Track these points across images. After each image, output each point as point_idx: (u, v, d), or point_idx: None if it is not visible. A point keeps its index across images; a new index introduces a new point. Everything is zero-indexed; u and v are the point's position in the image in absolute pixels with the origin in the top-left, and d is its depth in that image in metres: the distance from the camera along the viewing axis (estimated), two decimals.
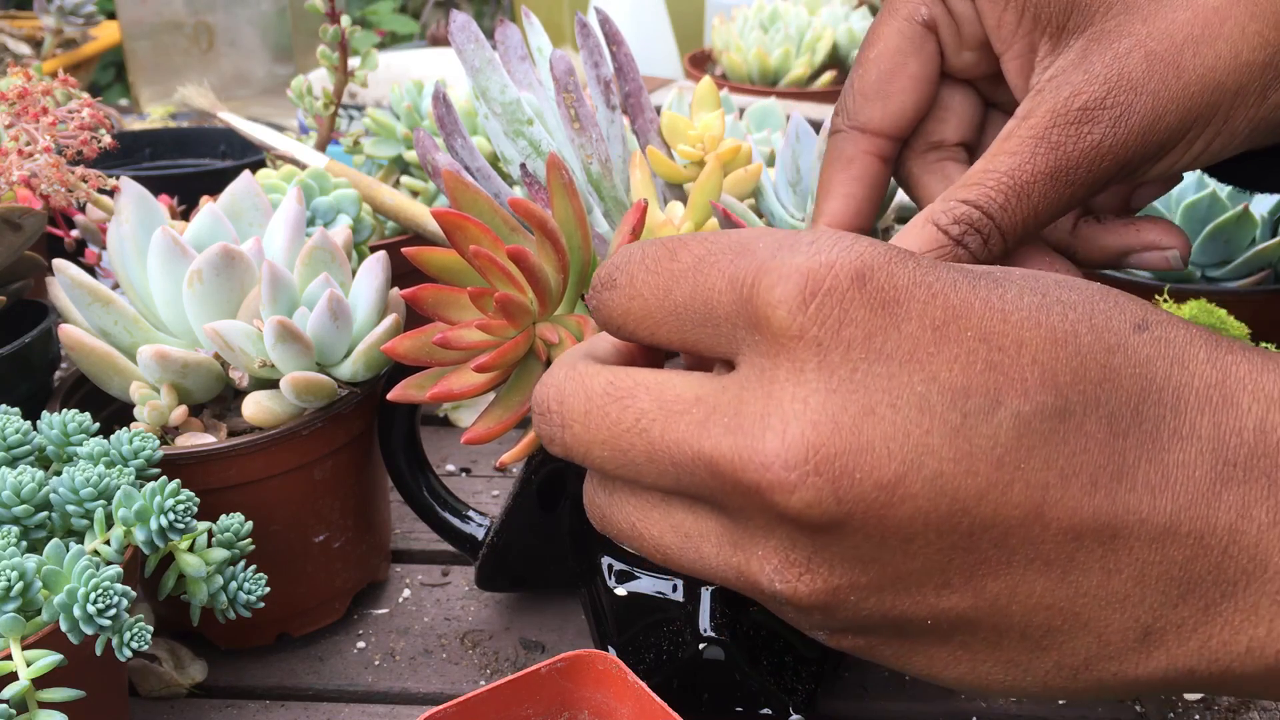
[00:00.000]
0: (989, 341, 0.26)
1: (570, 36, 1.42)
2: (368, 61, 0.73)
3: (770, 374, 0.27)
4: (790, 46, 1.14)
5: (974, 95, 0.43)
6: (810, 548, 0.27)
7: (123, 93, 1.66)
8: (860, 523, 0.26)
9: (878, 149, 0.42)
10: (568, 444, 0.31)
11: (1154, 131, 0.36)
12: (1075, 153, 0.36)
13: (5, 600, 0.38)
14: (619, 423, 0.29)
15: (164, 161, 0.90)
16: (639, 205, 0.44)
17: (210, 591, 0.44)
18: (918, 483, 0.26)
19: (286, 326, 0.47)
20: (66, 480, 0.42)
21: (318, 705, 0.50)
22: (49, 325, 0.56)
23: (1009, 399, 0.26)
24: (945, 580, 0.27)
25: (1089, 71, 0.36)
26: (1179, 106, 0.36)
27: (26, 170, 0.57)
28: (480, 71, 0.50)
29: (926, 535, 0.26)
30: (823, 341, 0.26)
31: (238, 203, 0.54)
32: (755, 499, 0.27)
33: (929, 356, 0.26)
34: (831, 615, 0.28)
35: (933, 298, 0.27)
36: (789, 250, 0.27)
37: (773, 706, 0.46)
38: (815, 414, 0.26)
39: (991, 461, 0.26)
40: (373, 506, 0.55)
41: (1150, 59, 0.35)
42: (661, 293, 0.30)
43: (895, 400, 0.26)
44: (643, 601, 0.48)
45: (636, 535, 0.32)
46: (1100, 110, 0.36)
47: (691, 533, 0.30)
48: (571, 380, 0.31)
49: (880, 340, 0.26)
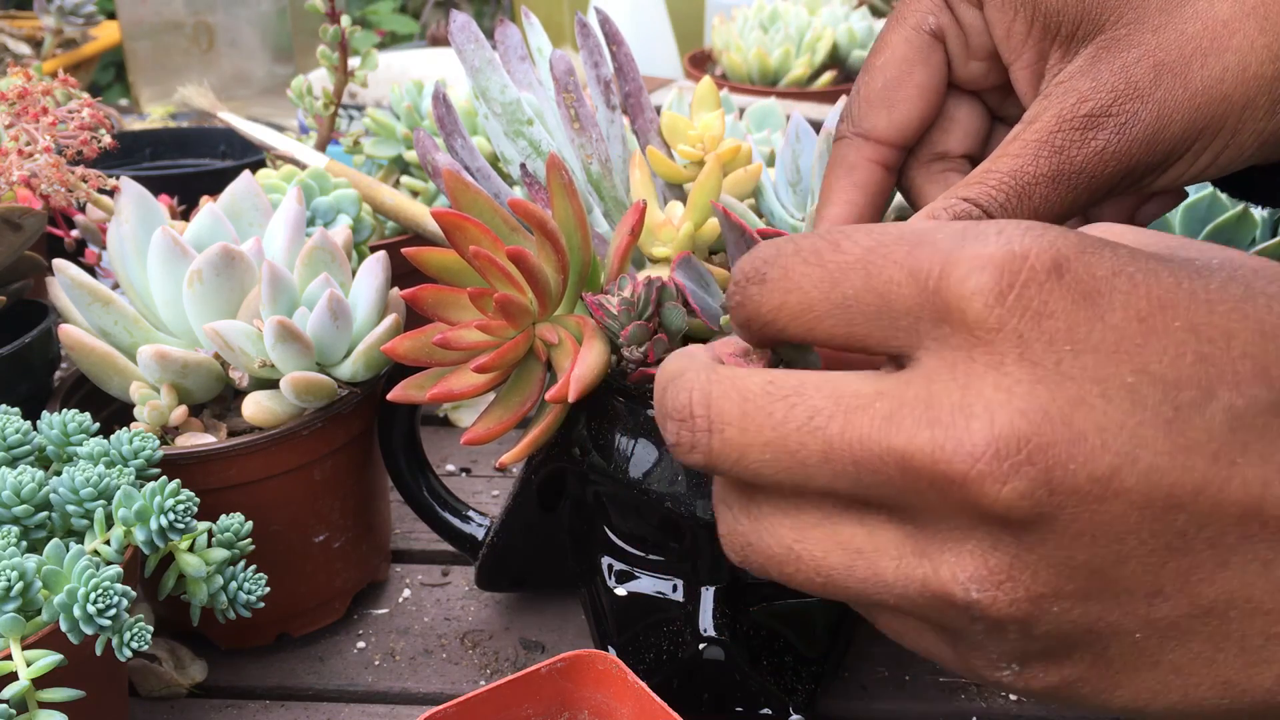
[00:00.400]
0: (1197, 333, 0.25)
1: (570, 36, 1.42)
2: (368, 61, 0.73)
3: (965, 367, 0.25)
4: (790, 46, 1.14)
5: (980, 107, 0.43)
6: (1013, 550, 0.25)
7: (123, 93, 1.66)
8: (1071, 518, 0.25)
9: (882, 157, 0.41)
10: (715, 451, 0.28)
11: (1158, 141, 0.36)
12: (1079, 158, 0.36)
13: (5, 600, 0.38)
14: (786, 422, 0.27)
15: (164, 161, 0.90)
16: (638, 205, 0.44)
17: (210, 591, 0.44)
18: (1132, 476, 0.24)
19: (286, 326, 0.47)
20: (66, 480, 0.42)
21: (318, 705, 0.50)
22: (49, 325, 0.56)
23: (1221, 392, 0.25)
24: (1157, 587, 0.25)
25: (1097, 79, 0.36)
26: (1184, 117, 0.36)
27: (27, 170, 0.57)
28: (480, 71, 0.50)
29: (1140, 534, 0.25)
30: (1024, 334, 0.25)
31: (238, 203, 0.54)
32: (957, 495, 0.25)
33: (1137, 348, 0.25)
34: (1029, 631, 0.26)
35: (1135, 288, 0.26)
36: (976, 240, 0.26)
37: (773, 706, 0.46)
38: (1022, 403, 0.25)
39: (1207, 456, 0.25)
40: (373, 506, 0.55)
41: (1158, 69, 0.36)
42: (826, 285, 0.28)
43: (1106, 391, 0.25)
44: (643, 601, 0.48)
45: (793, 559, 0.29)
46: (1106, 117, 0.36)
47: (863, 547, 0.28)
48: (718, 382, 0.29)
49: (1084, 332, 0.25)
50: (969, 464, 0.25)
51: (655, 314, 0.42)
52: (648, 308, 0.41)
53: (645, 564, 0.48)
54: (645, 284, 0.42)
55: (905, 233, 0.28)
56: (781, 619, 0.47)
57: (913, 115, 0.41)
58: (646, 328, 0.41)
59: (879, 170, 0.42)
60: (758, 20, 1.18)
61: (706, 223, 0.47)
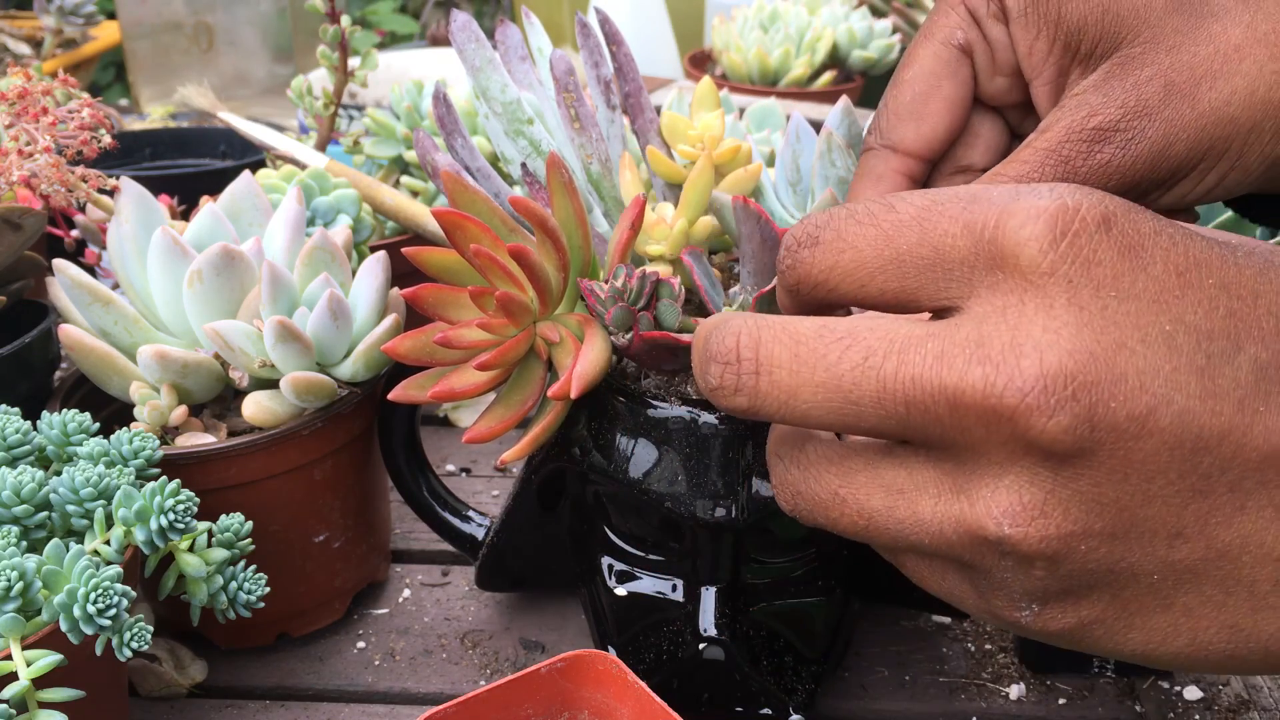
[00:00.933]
0: (1228, 290, 0.27)
1: (570, 36, 1.42)
2: (368, 61, 0.73)
3: (1016, 310, 0.27)
4: (790, 46, 1.14)
5: (1001, 124, 0.43)
6: (1049, 485, 0.27)
7: (123, 93, 1.66)
8: (1108, 454, 0.26)
9: (908, 169, 0.42)
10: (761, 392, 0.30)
11: (1163, 158, 0.37)
12: (1083, 169, 0.37)
13: (5, 600, 0.38)
14: (841, 362, 0.28)
15: (164, 161, 0.90)
16: (638, 200, 0.44)
17: (210, 591, 0.44)
18: (1166, 417, 0.26)
19: (286, 326, 0.47)
20: (66, 480, 0.42)
21: (318, 705, 0.50)
22: (49, 325, 0.56)
23: (1248, 345, 0.27)
24: (1179, 528, 0.27)
25: (1108, 95, 0.37)
26: (1189, 136, 0.37)
27: (27, 170, 0.57)
28: (480, 71, 0.50)
29: (1168, 474, 0.26)
30: (1073, 279, 0.27)
31: (238, 203, 0.54)
32: (1005, 429, 0.27)
33: (1175, 299, 0.27)
34: (1055, 569, 0.28)
35: (1174, 245, 0.27)
36: (1030, 194, 0.28)
37: (773, 706, 0.46)
38: (1070, 344, 0.26)
39: (1234, 403, 0.26)
40: (373, 506, 0.55)
41: (1169, 89, 0.37)
42: (881, 243, 0.29)
43: (1145, 337, 0.26)
44: (643, 601, 0.48)
45: (838, 502, 0.31)
46: (1113, 132, 0.37)
47: (904, 487, 0.29)
48: (767, 326, 0.30)
49: (1128, 281, 0.27)
50: (1018, 398, 0.26)
51: (648, 306, 0.42)
52: (639, 298, 0.42)
53: (645, 564, 0.48)
54: (639, 276, 0.42)
55: (959, 192, 0.29)
56: (781, 619, 0.47)
57: (940, 128, 0.42)
58: (630, 312, 0.41)
59: (905, 181, 0.42)
60: (758, 20, 1.18)
61: (699, 221, 0.47)
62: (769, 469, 0.33)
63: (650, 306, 0.42)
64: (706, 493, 0.42)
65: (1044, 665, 0.52)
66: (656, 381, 0.44)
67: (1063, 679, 0.52)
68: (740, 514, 0.42)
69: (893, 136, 0.42)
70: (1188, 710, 0.50)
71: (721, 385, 0.30)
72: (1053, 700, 0.51)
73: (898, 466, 0.30)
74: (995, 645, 0.54)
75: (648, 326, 0.42)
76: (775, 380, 0.29)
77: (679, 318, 0.42)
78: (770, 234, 0.42)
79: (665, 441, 0.43)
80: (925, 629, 0.55)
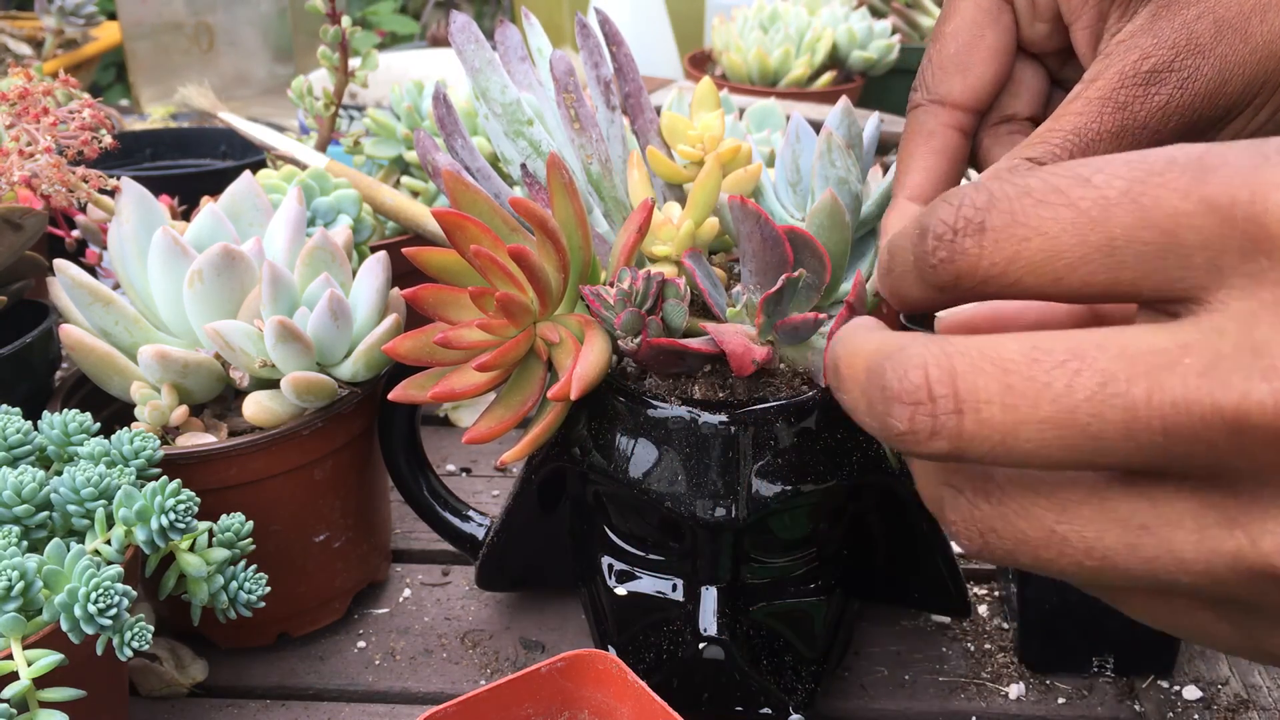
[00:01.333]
0: None
1: (570, 37, 1.42)
2: (368, 62, 0.73)
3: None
4: (790, 47, 1.14)
5: (1043, 71, 0.43)
6: None
7: (123, 93, 1.66)
8: None
9: (958, 122, 0.42)
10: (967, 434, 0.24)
11: (1220, 95, 0.37)
12: (1142, 113, 0.37)
13: (6, 600, 0.38)
14: (1072, 392, 0.23)
15: (164, 162, 0.90)
16: (645, 203, 0.44)
17: (210, 591, 0.44)
18: None
19: (287, 326, 0.47)
20: (67, 480, 0.42)
21: (318, 705, 0.50)
22: (49, 325, 0.56)
23: None
24: None
25: (1158, 35, 0.37)
26: (1245, 72, 0.36)
27: (27, 170, 0.57)
28: (480, 72, 0.50)
29: None
30: None
31: (238, 203, 0.54)
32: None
33: None
34: None
35: None
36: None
37: (773, 706, 0.46)
38: None
39: None
40: (373, 506, 0.55)
41: (1219, 25, 0.36)
42: (1084, 226, 0.24)
43: None
44: (643, 601, 0.48)
45: (1056, 541, 0.25)
46: (1168, 73, 0.37)
47: (1149, 522, 0.25)
48: (961, 354, 0.24)
49: None
50: None
51: (656, 308, 0.42)
52: (646, 300, 0.42)
53: (645, 564, 0.48)
54: (645, 278, 0.42)
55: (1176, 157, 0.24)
56: (781, 619, 0.47)
57: (986, 78, 0.41)
58: (639, 316, 0.41)
59: (956, 135, 0.42)
60: (758, 21, 1.18)
61: (705, 222, 0.47)
62: (935, 503, 0.27)
63: (656, 309, 0.42)
64: (706, 492, 0.42)
65: (1043, 665, 0.52)
66: (656, 381, 0.45)
67: (1062, 679, 0.52)
68: (740, 514, 0.42)
69: (940, 90, 0.42)
70: (1187, 710, 0.50)
71: (913, 430, 0.25)
72: (1052, 700, 0.51)
73: (1138, 498, 0.25)
74: (995, 645, 0.54)
75: (655, 330, 0.42)
76: (984, 419, 0.24)
77: (685, 319, 0.42)
78: (770, 233, 0.42)
79: (665, 441, 0.43)
80: (925, 629, 0.55)
